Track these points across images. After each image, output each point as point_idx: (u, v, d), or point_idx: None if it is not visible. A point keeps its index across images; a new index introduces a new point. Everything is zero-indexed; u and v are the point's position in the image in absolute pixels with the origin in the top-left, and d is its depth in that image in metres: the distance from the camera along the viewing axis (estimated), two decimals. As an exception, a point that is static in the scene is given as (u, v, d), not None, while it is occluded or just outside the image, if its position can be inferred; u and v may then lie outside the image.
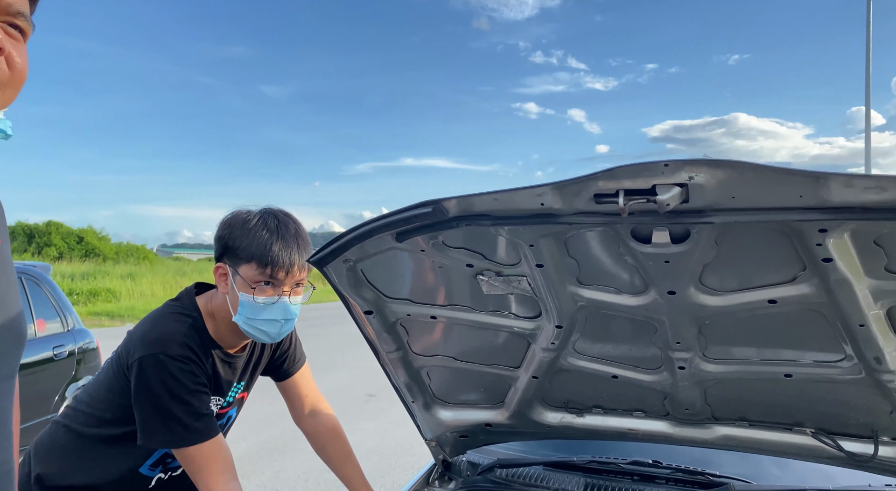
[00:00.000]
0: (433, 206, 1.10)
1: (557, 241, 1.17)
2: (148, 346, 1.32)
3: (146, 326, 1.39)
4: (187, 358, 1.32)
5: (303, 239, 1.39)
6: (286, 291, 1.37)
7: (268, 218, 1.38)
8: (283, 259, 1.33)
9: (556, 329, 1.38)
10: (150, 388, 1.29)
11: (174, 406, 1.29)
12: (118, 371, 1.37)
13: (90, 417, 1.41)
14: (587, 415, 1.65)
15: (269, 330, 1.38)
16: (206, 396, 1.37)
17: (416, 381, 1.68)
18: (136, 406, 1.31)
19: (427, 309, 1.46)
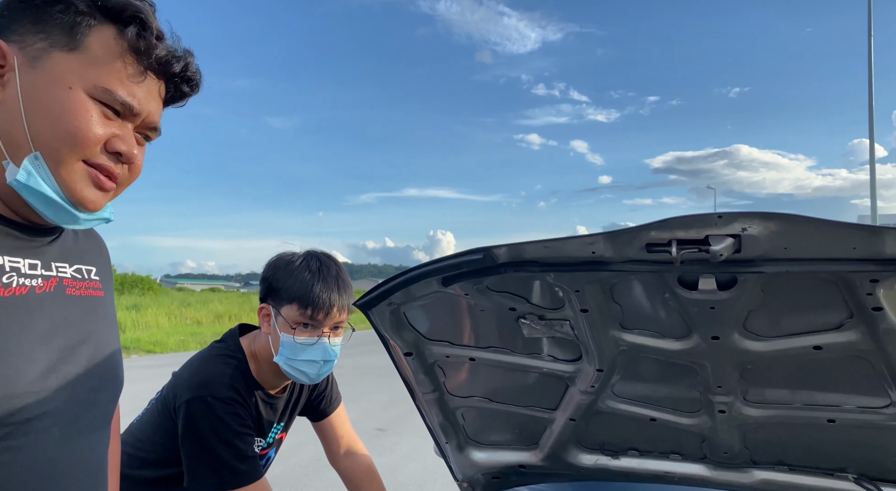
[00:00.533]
0: (483, 254, 1.13)
1: (603, 286, 1.19)
2: (195, 388, 1.33)
3: (193, 369, 1.41)
4: (234, 400, 1.34)
5: (343, 281, 1.42)
6: (326, 332, 1.39)
7: (311, 260, 1.41)
8: (324, 300, 1.36)
9: (597, 372, 1.39)
10: (198, 430, 1.30)
11: (221, 449, 1.30)
12: (164, 413, 1.38)
13: (134, 459, 1.41)
14: (622, 457, 1.65)
15: (308, 371, 1.39)
16: (252, 438, 1.38)
17: (451, 422, 1.68)
18: (183, 449, 1.32)
19: (466, 351, 1.47)
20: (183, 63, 0.92)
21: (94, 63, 0.84)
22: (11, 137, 0.81)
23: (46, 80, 0.82)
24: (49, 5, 0.84)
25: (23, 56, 0.83)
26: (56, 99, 0.82)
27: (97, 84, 0.84)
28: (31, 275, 0.84)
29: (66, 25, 0.83)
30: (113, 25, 0.86)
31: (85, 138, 0.83)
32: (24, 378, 0.78)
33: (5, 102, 0.81)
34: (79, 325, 0.89)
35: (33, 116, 0.81)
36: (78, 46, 0.84)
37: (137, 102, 0.87)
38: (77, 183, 0.84)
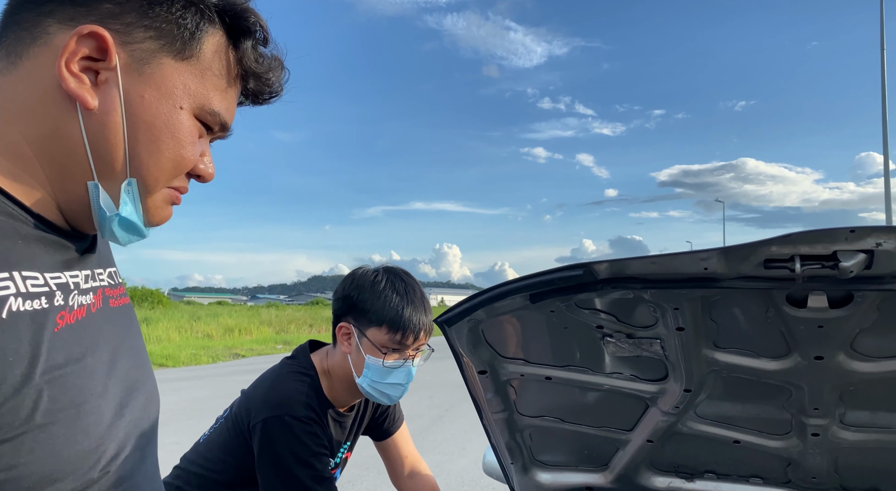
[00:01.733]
0: (584, 269, 1.09)
1: (704, 304, 1.14)
2: (272, 407, 1.29)
3: (267, 387, 1.37)
4: (311, 419, 1.30)
5: (427, 302, 1.39)
6: (411, 354, 1.35)
7: (395, 281, 1.37)
8: (414, 325, 1.33)
9: (684, 393, 1.34)
10: (276, 451, 1.26)
11: (299, 470, 1.26)
12: (235, 432, 1.34)
13: (203, 479, 1.37)
14: (698, 480, 1.59)
15: (392, 393, 1.36)
16: (327, 458, 1.34)
17: (518, 442, 1.63)
18: (259, 470, 1.28)
19: (542, 370, 1.43)
20: (282, 87, 0.83)
21: (204, 78, 0.73)
22: (103, 155, 0.67)
23: (156, 95, 0.69)
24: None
25: (126, 54, 0.67)
26: (165, 119, 0.70)
27: (205, 105, 0.73)
28: (85, 289, 0.72)
29: (182, 27, 0.70)
30: (224, 33, 0.74)
31: (185, 165, 0.74)
32: (104, 421, 0.67)
33: (101, 111, 0.66)
34: (127, 343, 0.78)
35: (136, 134, 0.68)
36: (191, 56, 0.71)
37: (230, 118, 0.78)
38: (160, 208, 0.75)
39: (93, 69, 0.67)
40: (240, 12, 0.74)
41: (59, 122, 0.66)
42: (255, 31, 0.76)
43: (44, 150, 0.66)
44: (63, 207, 0.70)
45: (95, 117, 0.66)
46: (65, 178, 0.68)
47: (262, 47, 0.78)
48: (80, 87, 0.65)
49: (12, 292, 0.59)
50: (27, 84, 0.66)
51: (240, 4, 0.75)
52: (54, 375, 0.61)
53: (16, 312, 0.59)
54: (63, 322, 0.65)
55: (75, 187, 0.69)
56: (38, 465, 0.58)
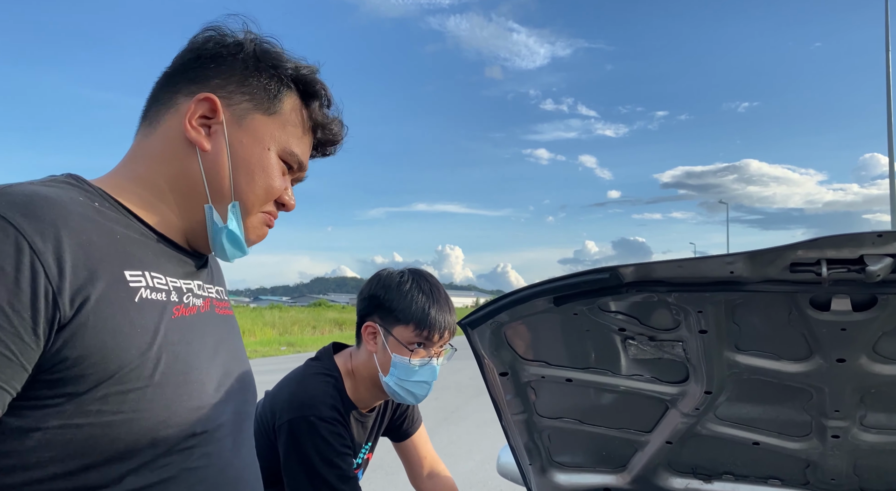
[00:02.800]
0: (610, 273, 1.10)
1: (727, 307, 1.15)
2: (297, 408, 1.31)
3: (292, 388, 1.39)
4: (336, 420, 1.32)
5: (451, 302, 1.42)
6: (436, 353, 1.37)
7: (420, 281, 1.40)
8: (440, 323, 1.35)
9: (705, 395, 1.35)
10: (301, 451, 1.28)
11: (324, 470, 1.28)
12: (260, 433, 1.35)
13: None
14: (716, 481, 1.60)
15: (417, 391, 1.38)
16: (351, 458, 1.36)
17: (536, 443, 1.64)
18: (285, 470, 1.30)
19: (563, 372, 1.44)
20: (341, 139, 1.08)
21: (284, 127, 0.97)
22: (216, 184, 0.93)
23: (251, 140, 0.94)
24: (258, 71, 0.96)
25: (230, 113, 0.94)
26: (258, 158, 0.95)
27: (286, 147, 0.98)
28: (198, 295, 0.94)
29: (269, 92, 0.96)
30: (298, 95, 1.00)
31: (274, 193, 0.97)
32: (206, 391, 0.86)
33: (213, 152, 0.93)
34: (228, 342, 0.97)
35: (237, 168, 0.93)
36: (276, 112, 0.96)
37: (306, 161, 1.03)
38: (257, 227, 0.98)
39: (206, 124, 0.93)
40: (309, 81, 1.00)
41: (185, 162, 0.92)
42: (321, 94, 1.01)
43: (174, 185, 0.92)
44: (187, 231, 0.94)
45: (209, 157, 0.93)
46: (189, 204, 0.93)
47: (326, 108, 1.03)
48: (198, 136, 0.92)
49: (143, 285, 0.82)
50: (162, 140, 0.93)
51: (309, 75, 1.00)
52: (169, 348, 0.81)
53: (144, 299, 0.81)
54: (178, 313, 0.86)
55: (196, 212, 0.93)
56: (155, 412, 0.78)
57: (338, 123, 1.05)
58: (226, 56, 0.95)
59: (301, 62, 1.00)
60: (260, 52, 0.96)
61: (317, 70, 1.01)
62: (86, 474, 0.73)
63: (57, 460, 0.72)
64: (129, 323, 0.77)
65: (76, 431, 0.72)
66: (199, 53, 0.96)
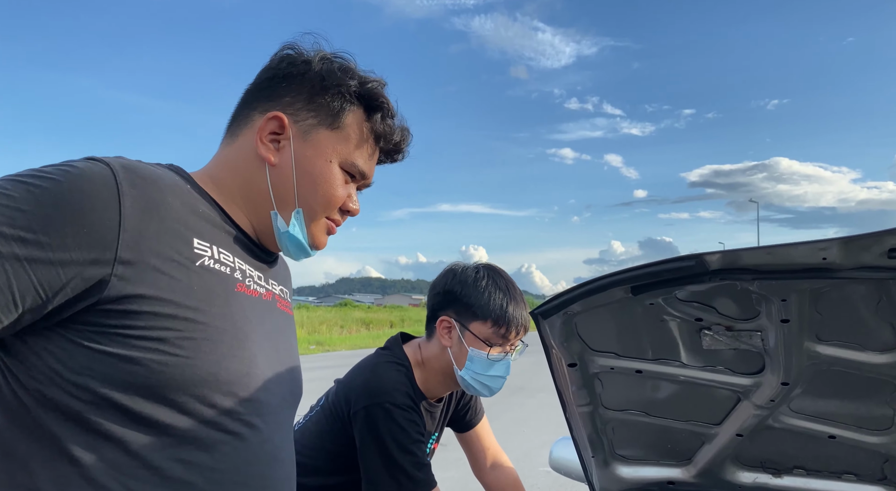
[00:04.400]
0: (696, 260, 1.09)
1: (812, 295, 1.14)
2: (373, 395, 1.33)
3: (365, 376, 1.40)
4: (410, 407, 1.33)
5: (521, 297, 1.43)
6: (511, 348, 1.39)
7: (496, 277, 1.41)
8: (518, 320, 1.36)
9: (782, 386, 1.33)
10: (378, 437, 1.30)
11: (400, 456, 1.29)
12: (333, 420, 1.37)
13: (299, 466, 1.40)
14: (786, 476, 1.58)
15: (492, 385, 1.39)
16: (425, 445, 1.37)
17: (600, 435, 1.63)
18: (361, 456, 1.31)
19: (633, 363, 1.43)
20: (405, 144, 1.12)
21: (347, 141, 1.04)
22: (282, 194, 1.01)
23: (314, 153, 1.01)
24: (323, 90, 1.02)
25: (296, 129, 1.01)
26: (320, 169, 1.02)
27: (348, 159, 1.04)
28: (261, 285, 1.01)
29: (332, 109, 1.02)
30: (362, 109, 1.05)
31: (336, 201, 1.04)
32: (257, 364, 0.91)
33: (279, 165, 1.01)
34: (284, 334, 1.05)
35: (301, 179, 1.01)
36: (339, 127, 1.03)
37: (369, 171, 1.08)
38: (320, 233, 1.05)
39: (276, 139, 1.01)
40: (372, 95, 1.05)
41: (255, 173, 1.01)
42: (383, 107, 1.06)
43: (244, 192, 1.01)
44: (257, 231, 1.03)
45: (276, 170, 1.01)
46: (257, 209, 1.01)
47: (389, 119, 1.07)
48: (267, 150, 1.01)
49: (208, 255, 0.89)
50: (238, 152, 1.03)
51: (372, 89, 1.05)
52: (227, 311, 0.87)
53: (206, 267, 0.88)
54: (241, 289, 0.93)
55: (263, 216, 1.02)
56: (207, 363, 0.83)
57: (400, 132, 1.10)
58: (296, 75, 1.02)
59: (368, 77, 1.06)
60: (326, 72, 1.02)
61: (382, 84, 1.07)
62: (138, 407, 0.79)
63: (118, 387, 0.78)
64: (188, 278, 0.83)
65: (135, 364, 0.78)
66: (275, 73, 1.04)
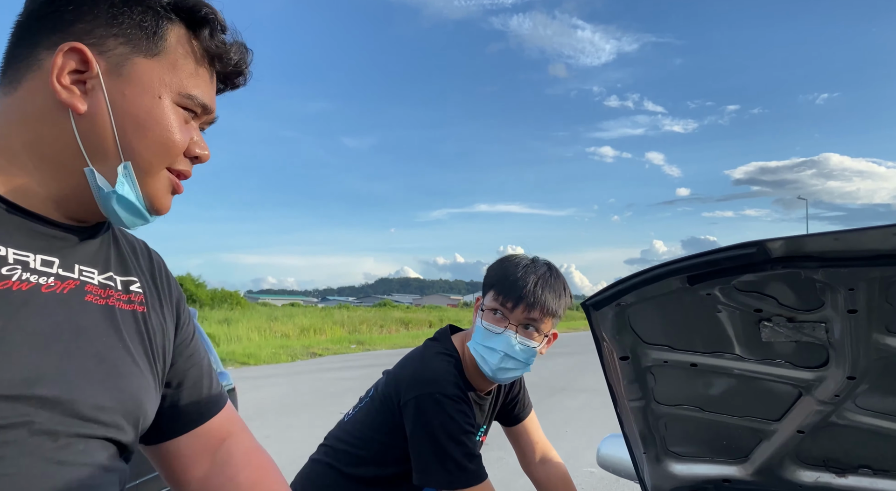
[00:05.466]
0: (757, 247, 1.06)
1: (882, 284, 1.09)
2: (423, 385, 1.33)
3: (416, 366, 1.41)
4: (460, 398, 1.33)
5: (548, 283, 1.39)
6: (513, 325, 1.36)
7: (533, 260, 1.40)
8: (516, 290, 1.34)
9: (847, 381, 1.28)
10: (429, 427, 1.30)
11: (451, 446, 1.29)
12: (384, 411, 1.38)
13: (350, 456, 1.42)
14: (851, 475, 1.52)
15: (488, 358, 1.38)
16: (475, 436, 1.36)
17: (652, 431, 1.60)
18: (412, 445, 1.32)
19: (688, 356, 1.40)
20: (247, 65, 0.92)
21: (175, 68, 0.84)
22: (98, 146, 0.80)
23: (136, 91, 0.81)
24: (129, 6, 0.81)
25: (105, 62, 0.80)
26: (147, 109, 0.81)
27: (182, 91, 0.84)
28: (41, 272, 0.77)
29: (146, 29, 0.81)
30: (184, 25, 0.85)
31: (175, 148, 0.84)
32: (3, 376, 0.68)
33: (91, 112, 0.79)
34: (95, 335, 0.79)
35: (123, 126, 0.80)
36: (159, 51, 0.82)
37: (211, 102, 0.88)
38: (160, 191, 0.85)
39: (80, 80, 0.79)
40: (192, 6, 0.84)
41: (55, 126, 0.79)
42: (209, 19, 0.86)
43: (36, 149, 0.79)
44: (56, 198, 0.80)
45: (86, 118, 0.79)
46: (57, 169, 0.79)
47: (220, 34, 0.88)
48: (70, 96, 0.78)
49: None
50: (26, 102, 0.79)
51: (190, 0, 0.84)
52: None
53: None
54: None
55: (69, 176, 0.80)
56: None
57: (238, 49, 0.89)
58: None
59: None
60: None
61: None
62: None
63: None
64: None
65: None
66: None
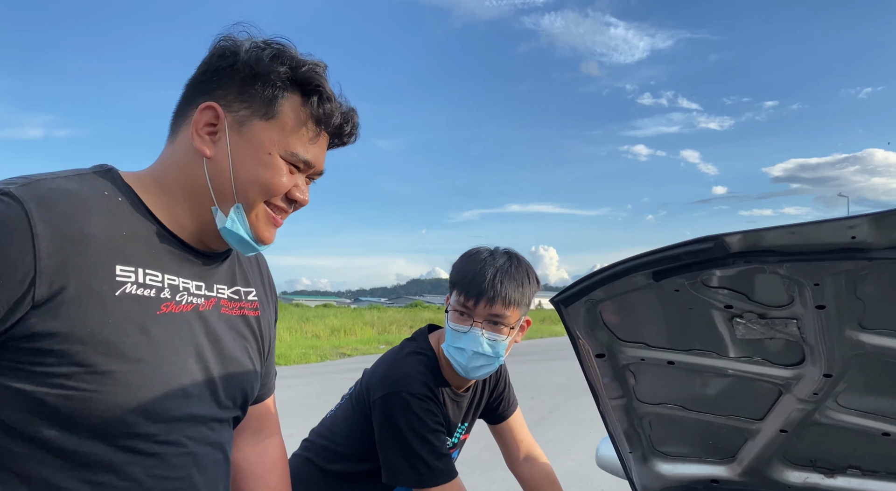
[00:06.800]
0: (714, 242, 1.04)
1: (848, 279, 1.06)
2: (390, 384, 1.34)
3: (386, 365, 1.42)
4: (427, 397, 1.33)
5: (511, 276, 1.37)
6: (478, 322, 1.35)
7: (493, 252, 1.39)
8: (475, 287, 1.33)
9: (824, 378, 1.25)
10: (395, 426, 1.31)
11: (418, 445, 1.29)
12: (358, 409, 1.39)
13: (328, 452, 1.44)
14: (839, 476, 1.48)
15: (458, 358, 1.37)
16: (444, 435, 1.37)
17: (636, 430, 1.58)
18: (380, 444, 1.33)
19: (665, 354, 1.38)
20: (351, 125, 1.08)
21: (285, 130, 1.01)
22: (219, 188, 1.00)
23: (251, 146, 0.99)
24: (253, 79, 0.99)
25: (231, 120, 0.99)
26: (260, 161, 0.99)
27: (288, 149, 1.01)
28: (197, 294, 1.01)
29: (265, 98, 0.99)
30: (299, 94, 1.02)
31: (277, 190, 1.01)
32: (179, 384, 0.93)
33: (216, 158, 0.99)
34: (226, 340, 1.04)
35: (238, 172, 0.99)
36: (274, 116, 1.00)
37: (314, 158, 1.05)
38: (261, 224, 1.03)
39: (212, 132, 0.99)
40: (305, 80, 1.01)
41: (194, 168, 1.00)
42: (318, 91, 1.02)
43: (186, 190, 1.00)
44: (200, 232, 1.02)
45: (213, 163, 0.99)
46: (199, 207, 1.00)
47: (326, 102, 1.03)
48: (202, 143, 0.99)
49: (131, 280, 0.90)
50: (178, 148, 1.02)
51: (305, 73, 1.01)
52: (144, 344, 0.89)
53: (129, 293, 0.89)
54: (167, 309, 0.94)
55: (206, 213, 1.01)
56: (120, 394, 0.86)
57: (341, 114, 1.05)
58: (225, 67, 1.00)
59: (302, 60, 1.02)
60: (254, 60, 0.99)
61: (318, 66, 1.03)
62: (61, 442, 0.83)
63: (36, 424, 0.82)
64: (104, 312, 0.85)
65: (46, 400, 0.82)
66: (207, 67, 1.02)
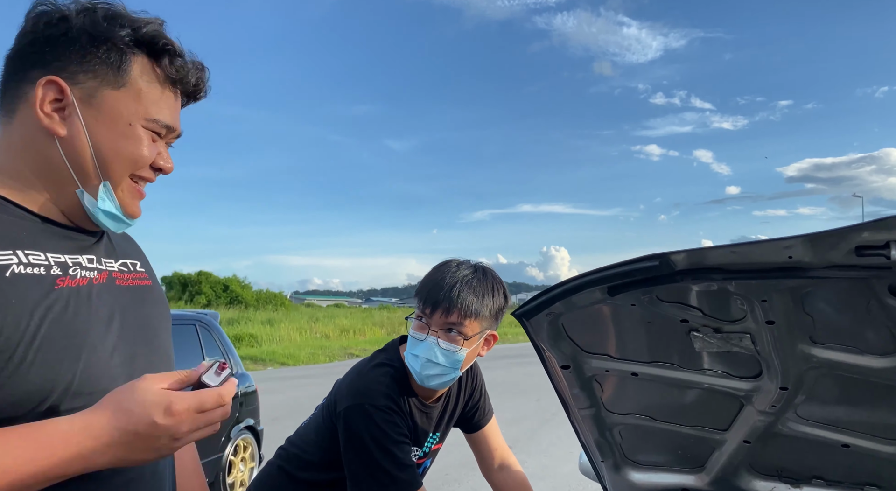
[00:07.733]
0: (659, 260, 1.06)
1: (794, 295, 1.08)
2: (353, 396, 1.37)
3: (352, 377, 1.45)
4: (390, 409, 1.36)
5: (469, 285, 1.38)
6: (434, 331, 1.38)
7: (460, 264, 1.42)
8: (427, 294, 1.36)
9: (780, 391, 1.27)
10: (358, 438, 1.34)
11: (380, 456, 1.32)
12: (327, 419, 1.43)
13: (300, 460, 1.47)
14: (805, 486, 1.49)
15: (413, 365, 1.40)
16: (408, 446, 1.39)
17: (607, 439, 1.60)
18: (344, 455, 1.36)
19: (628, 365, 1.40)
20: (205, 82, 1.03)
21: (140, 96, 0.94)
22: (80, 168, 0.92)
23: (107, 118, 0.92)
24: (94, 45, 0.91)
25: (78, 93, 0.91)
26: (121, 134, 0.93)
27: (149, 116, 0.95)
28: (90, 268, 0.96)
29: (111, 65, 0.92)
30: (146, 55, 0.95)
31: (143, 162, 0.96)
32: (96, 355, 0.89)
33: (70, 136, 0.91)
34: (131, 310, 1.00)
35: (100, 149, 0.92)
36: (126, 83, 0.93)
37: (174, 122, 0.99)
38: (128, 199, 0.97)
39: (60, 108, 0.91)
40: (151, 40, 0.95)
41: (46, 151, 0.92)
42: (167, 49, 0.96)
43: (40, 173, 0.92)
44: (67, 212, 0.95)
45: (67, 141, 0.91)
46: (60, 190, 0.93)
47: (178, 59, 0.98)
48: (51, 122, 0.90)
49: (14, 262, 0.85)
50: (22, 129, 0.92)
51: (150, 33, 0.95)
52: (49, 316, 0.84)
53: (18, 274, 0.84)
54: (63, 284, 0.89)
55: (69, 196, 0.94)
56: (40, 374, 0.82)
57: (194, 71, 0.99)
58: (58, 36, 0.91)
59: (141, 18, 0.95)
60: (90, 25, 0.91)
61: (159, 24, 0.96)
62: None
63: None
64: (2, 296, 0.81)
65: None
66: (34, 36, 0.92)
